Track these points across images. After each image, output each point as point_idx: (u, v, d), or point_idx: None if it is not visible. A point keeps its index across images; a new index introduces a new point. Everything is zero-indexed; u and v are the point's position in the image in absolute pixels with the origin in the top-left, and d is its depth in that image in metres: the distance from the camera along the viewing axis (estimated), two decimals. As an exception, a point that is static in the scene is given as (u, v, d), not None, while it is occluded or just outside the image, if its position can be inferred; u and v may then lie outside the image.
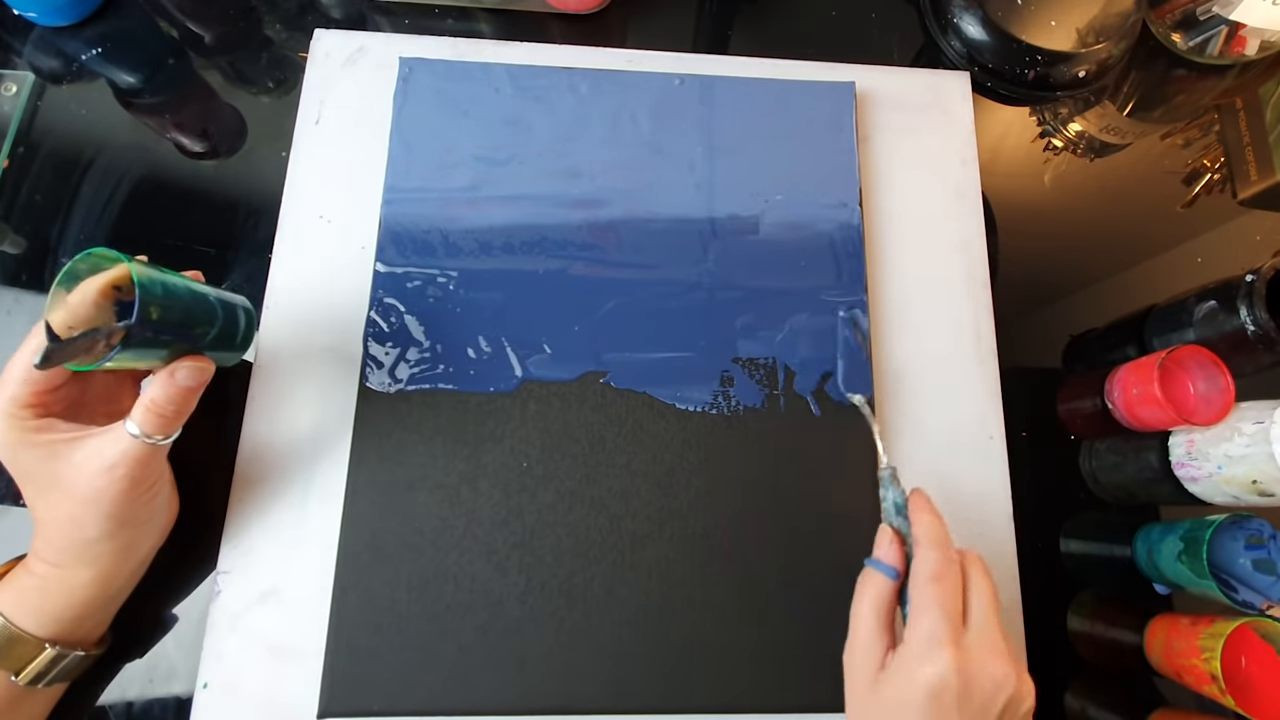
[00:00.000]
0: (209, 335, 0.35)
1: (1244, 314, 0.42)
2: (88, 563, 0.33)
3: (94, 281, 0.32)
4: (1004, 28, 0.52)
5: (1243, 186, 0.54)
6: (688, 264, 0.45)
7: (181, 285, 0.33)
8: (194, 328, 0.34)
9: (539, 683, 0.38)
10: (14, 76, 0.49)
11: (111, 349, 0.30)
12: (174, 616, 0.39)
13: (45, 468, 0.32)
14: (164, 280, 0.32)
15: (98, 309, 0.32)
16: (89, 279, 0.32)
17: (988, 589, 0.33)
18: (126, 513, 0.33)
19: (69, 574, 0.33)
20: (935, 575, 0.32)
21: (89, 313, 0.32)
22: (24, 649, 0.32)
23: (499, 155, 0.46)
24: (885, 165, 0.50)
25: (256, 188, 0.47)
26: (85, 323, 0.32)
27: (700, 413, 0.43)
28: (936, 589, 0.32)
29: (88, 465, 0.32)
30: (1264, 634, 0.38)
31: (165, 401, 0.32)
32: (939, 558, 0.33)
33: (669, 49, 0.51)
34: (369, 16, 0.52)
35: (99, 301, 0.32)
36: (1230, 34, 0.54)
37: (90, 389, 0.35)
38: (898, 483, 0.37)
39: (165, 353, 0.32)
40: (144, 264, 0.31)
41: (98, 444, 0.32)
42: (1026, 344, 0.49)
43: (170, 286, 0.32)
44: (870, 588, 0.34)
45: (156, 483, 0.34)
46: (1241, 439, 0.39)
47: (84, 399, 0.35)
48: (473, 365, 0.43)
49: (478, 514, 0.40)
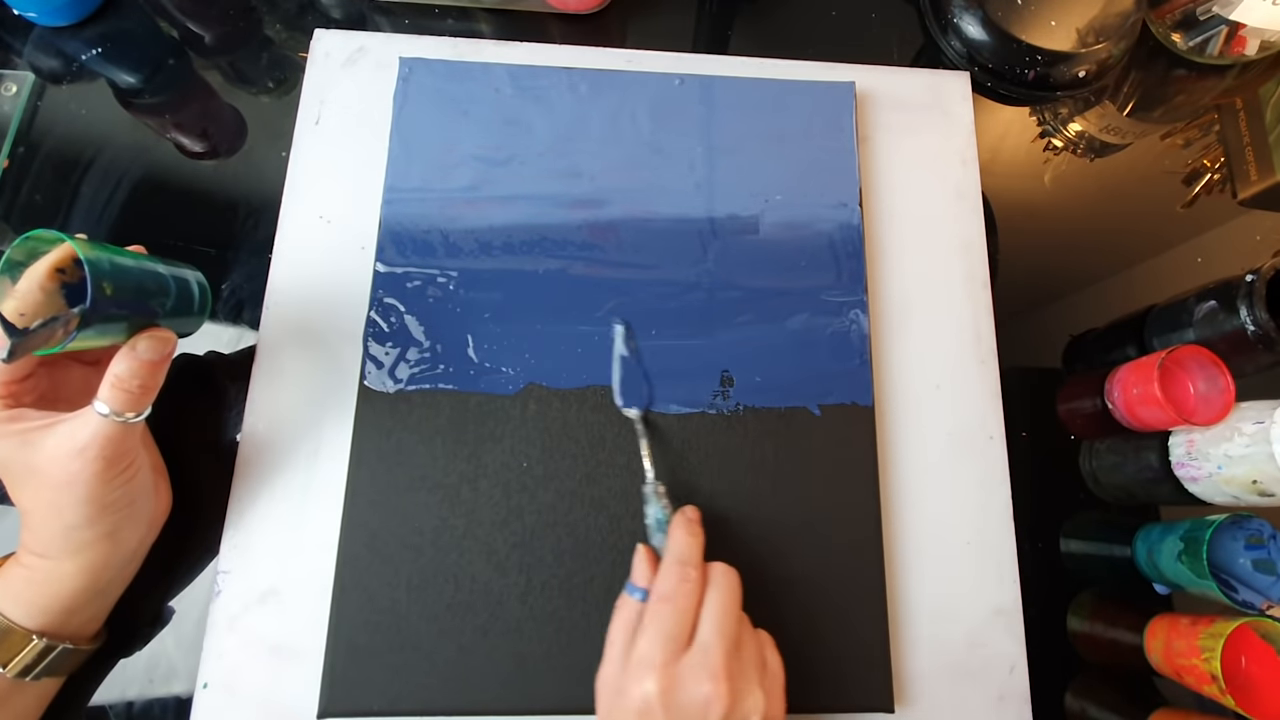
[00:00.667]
0: (166, 305, 0.35)
1: (1244, 314, 0.42)
2: (72, 552, 0.33)
3: (39, 266, 0.32)
4: (1004, 28, 0.52)
5: (1243, 186, 0.54)
6: (687, 264, 0.45)
7: (129, 259, 0.33)
8: (149, 299, 0.34)
9: (539, 683, 0.38)
10: (14, 76, 0.49)
11: (71, 332, 0.30)
12: (174, 616, 0.39)
13: (20, 457, 0.32)
14: (110, 256, 0.32)
15: (46, 293, 0.32)
16: (33, 265, 0.32)
17: (721, 604, 0.33)
18: (104, 496, 0.33)
19: (55, 564, 0.33)
20: (663, 595, 0.33)
21: (38, 297, 0.32)
22: (13, 640, 0.33)
23: (499, 155, 0.46)
24: (885, 165, 0.50)
25: (256, 188, 0.47)
26: (36, 307, 0.32)
27: (700, 413, 0.43)
28: (660, 609, 0.32)
29: (60, 449, 0.32)
30: (1264, 634, 0.38)
31: (129, 376, 0.32)
32: (672, 576, 0.33)
33: (669, 49, 0.51)
34: (369, 16, 0.52)
35: (46, 285, 0.32)
36: (1230, 34, 0.54)
37: (65, 380, 0.36)
38: (662, 499, 0.38)
39: (124, 326, 0.33)
40: (84, 241, 0.31)
41: (68, 428, 0.32)
42: (1026, 344, 0.49)
43: (117, 261, 0.32)
44: (622, 610, 0.35)
45: (132, 464, 0.34)
46: (1241, 439, 0.39)
47: (59, 391, 0.35)
48: (472, 365, 0.43)
49: (478, 514, 0.40)
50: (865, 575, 0.41)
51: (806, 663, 0.39)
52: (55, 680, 0.35)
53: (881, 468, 0.43)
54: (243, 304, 0.45)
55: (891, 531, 0.42)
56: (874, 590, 0.40)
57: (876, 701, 0.39)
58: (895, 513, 0.43)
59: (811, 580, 0.40)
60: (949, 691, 0.40)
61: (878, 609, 0.40)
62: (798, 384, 0.44)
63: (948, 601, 0.42)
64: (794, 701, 0.38)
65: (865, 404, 0.43)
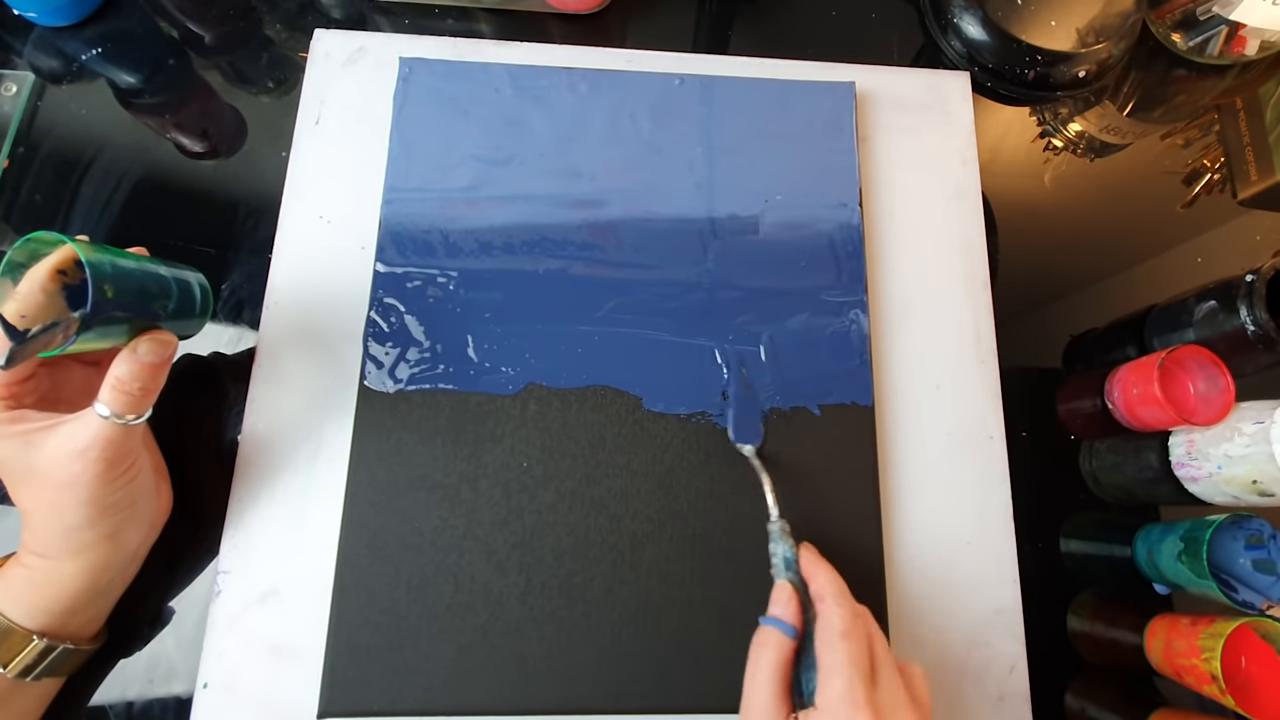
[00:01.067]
0: (168, 307, 0.35)
1: (1244, 314, 0.42)
2: (73, 553, 0.33)
3: (40, 268, 0.32)
4: (1004, 28, 0.52)
5: (1243, 186, 0.54)
6: (687, 264, 0.45)
7: (130, 260, 0.33)
8: (150, 301, 0.34)
9: (539, 683, 0.38)
10: (14, 76, 0.49)
11: (71, 336, 0.30)
12: (174, 616, 0.39)
13: (21, 458, 0.32)
14: (112, 258, 0.32)
15: (47, 294, 0.32)
16: (34, 266, 0.32)
17: (884, 642, 0.33)
18: (105, 497, 0.32)
19: (56, 565, 0.33)
20: (845, 632, 0.31)
21: (39, 299, 0.32)
22: (13, 640, 0.33)
23: (499, 155, 0.46)
24: (885, 165, 0.50)
25: (256, 188, 0.47)
26: (37, 309, 0.32)
27: (700, 413, 0.43)
28: (848, 646, 0.31)
29: (61, 450, 0.31)
30: (1264, 634, 0.38)
31: (130, 379, 0.32)
32: (846, 613, 0.32)
33: (669, 49, 0.51)
34: (369, 16, 0.52)
35: (47, 287, 0.32)
36: (1230, 34, 0.54)
37: (66, 380, 0.35)
38: (789, 537, 0.37)
39: (126, 328, 0.32)
40: (86, 243, 0.31)
41: (69, 429, 0.32)
42: (1026, 344, 0.49)
43: (119, 263, 0.32)
44: (769, 649, 0.32)
45: (133, 466, 0.34)
46: (1241, 439, 0.39)
47: (60, 391, 0.35)
48: (472, 365, 0.43)
49: (478, 514, 0.40)
50: (865, 575, 0.41)
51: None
52: (55, 680, 0.35)
53: (881, 468, 0.43)
54: (243, 304, 0.45)
55: (891, 531, 0.42)
56: (874, 590, 0.40)
57: (876, 701, 0.39)
58: (895, 513, 0.43)
59: (811, 580, 0.40)
60: (949, 691, 0.40)
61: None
62: (798, 384, 0.44)
63: (948, 601, 0.42)
64: (794, 701, 0.38)
65: (865, 404, 0.43)
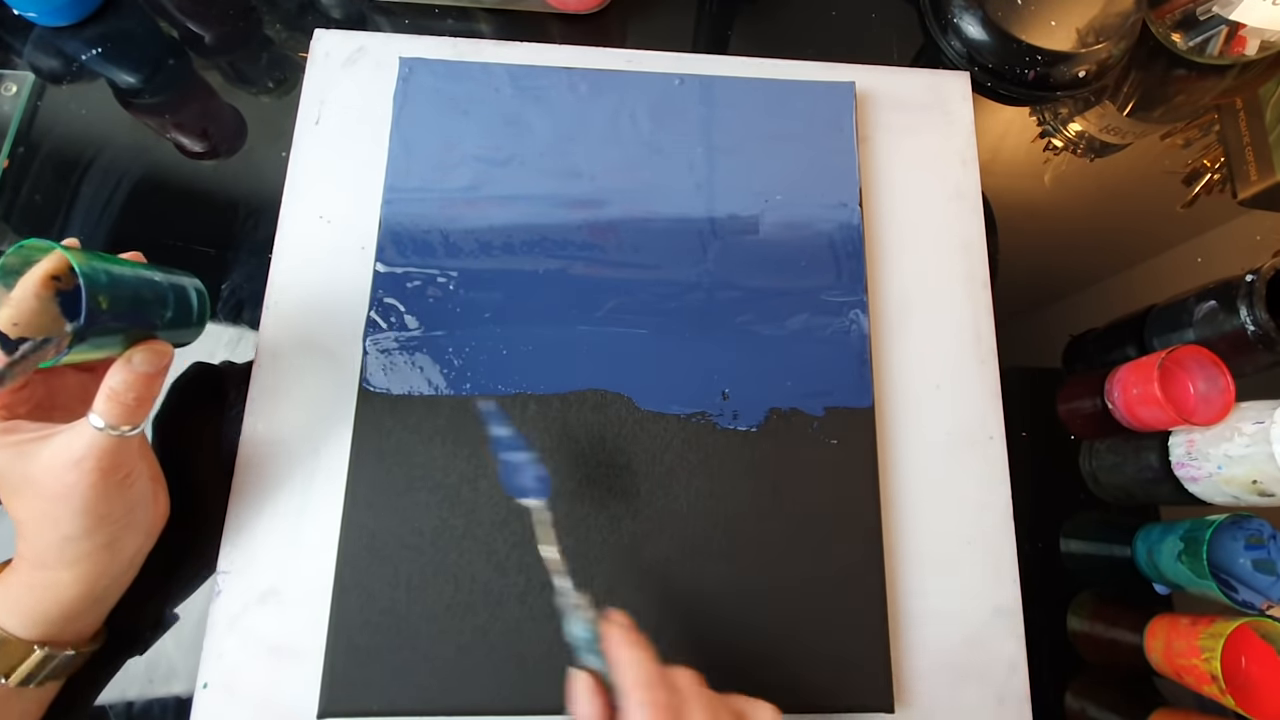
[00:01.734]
0: (164, 316, 0.34)
1: (1244, 314, 0.42)
2: (70, 562, 0.33)
3: (33, 274, 0.32)
4: (1004, 28, 0.52)
5: (1243, 186, 0.54)
6: (687, 264, 0.45)
7: (125, 269, 0.32)
8: (145, 310, 0.33)
9: (539, 683, 0.38)
10: (14, 76, 0.49)
11: (64, 349, 0.29)
12: (174, 616, 0.39)
13: (15, 468, 0.31)
14: (106, 267, 0.31)
15: (40, 301, 0.31)
16: (27, 273, 0.32)
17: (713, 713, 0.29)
18: (100, 507, 0.32)
19: (52, 575, 0.33)
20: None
21: (32, 305, 0.31)
22: (13, 651, 0.32)
23: (499, 155, 0.46)
24: (885, 165, 0.50)
25: (256, 188, 0.47)
26: (30, 316, 0.31)
27: (700, 413, 0.43)
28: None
29: (55, 461, 0.31)
30: (1264, 634, 0.38)
31: (125, 389, 0.31)
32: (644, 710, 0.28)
33: (669, 49, 0.51)
34: (369, 16, 0.52)
35: (40, 293, 0.31)
36: (1230, 34, 0.54)
37: (61, 388, 0.35)
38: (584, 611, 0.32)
39: (120, 338, 0.32)
40: (79, 250, 0.31)
41: (64, 440, 0.31)
42: (1026, 344, 0.49)
43: (114, 272, 0.31)
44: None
45: (129, 475, 0.33)
46: (1241, 439, 0.39)
47: (55, 399, 0.35)
48: (472, 365, 0.42)
49: (478, 514, 0.40)
50: (865, 575, 0.41)
51: (806, 663, 0.39)
52: (56, 683, 0.35)
53: (881, 468, 0.43)
54: (243, 304, 0.45)
55: (891, 531, 0.42)
56: (874, 590, 0.40)
57: (876, 702, 0.39)
58: (895, 513, 0.43)
59: (811, 580, 0.40)
60: (949, 692, 0.40)
61: (878, 609, 0.40)
62: (797, 384, 0.44)
63: (948, 601, 0.42)
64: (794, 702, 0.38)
65: (865, 404, 0.43)
